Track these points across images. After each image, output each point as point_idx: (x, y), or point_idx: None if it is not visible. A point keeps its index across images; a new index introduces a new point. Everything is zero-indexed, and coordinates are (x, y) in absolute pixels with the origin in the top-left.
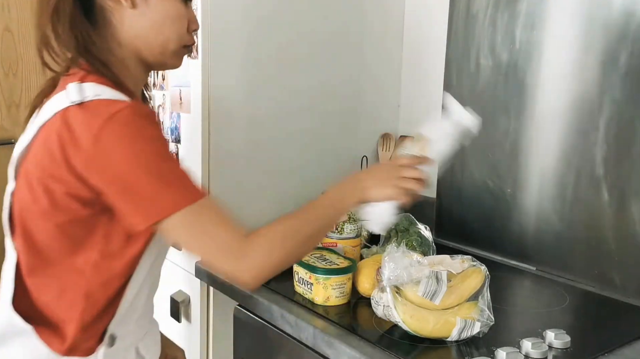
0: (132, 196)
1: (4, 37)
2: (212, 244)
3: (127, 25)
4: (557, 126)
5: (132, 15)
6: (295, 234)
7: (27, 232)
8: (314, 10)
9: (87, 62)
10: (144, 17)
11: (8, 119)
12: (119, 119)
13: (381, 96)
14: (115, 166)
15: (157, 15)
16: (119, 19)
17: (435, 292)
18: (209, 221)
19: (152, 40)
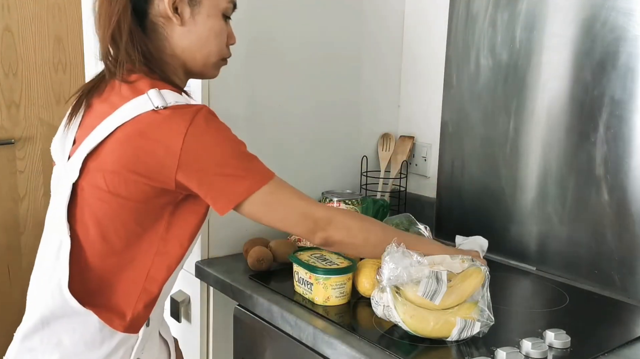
0: (222, 180)
1: (4, 37)
2: (293, 213)
3: (176, 39)
4: (557, 126)
5: (180, 31)
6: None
7: (99, 221)
8: (314, 10)
9: (149, 71)
10: (191, 33)
11: (8, 119)
12: (200, 117)
13: (381, 96)
14: (206, 156)
15: (202, 32)
16: (170, 33)
17: (435, 292)
18: (286, 194)
19: (196, 53)
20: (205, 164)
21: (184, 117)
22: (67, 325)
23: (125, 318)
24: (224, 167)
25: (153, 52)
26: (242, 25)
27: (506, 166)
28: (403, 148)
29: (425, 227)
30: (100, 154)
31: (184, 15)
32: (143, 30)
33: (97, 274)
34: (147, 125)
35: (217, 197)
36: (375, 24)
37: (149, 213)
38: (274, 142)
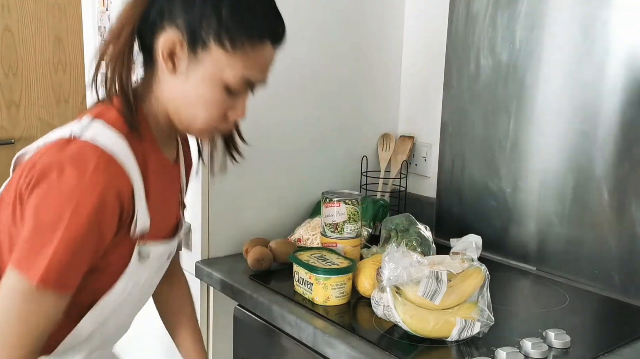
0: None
1: (4, 37)
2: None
3: (165, 87)
4: (557, 126)
5: (171, 80)
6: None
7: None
8: (314, 10)
9: (123, 98)
10: (179, 87)
11: (8, 119)
12: (76, 170)
13: (381, 96)
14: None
15: (191, 93)
16: (161, 76)
17: (435, 292)
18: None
19: (181, 111)
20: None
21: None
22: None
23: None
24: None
25: (140, 88)
26: None
27: (506, 166)
28: (403, 148)
29: (425, 227)
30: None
31: (179, 65)
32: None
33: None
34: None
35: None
36: (375, 24)
37: None
38: (274, 143)
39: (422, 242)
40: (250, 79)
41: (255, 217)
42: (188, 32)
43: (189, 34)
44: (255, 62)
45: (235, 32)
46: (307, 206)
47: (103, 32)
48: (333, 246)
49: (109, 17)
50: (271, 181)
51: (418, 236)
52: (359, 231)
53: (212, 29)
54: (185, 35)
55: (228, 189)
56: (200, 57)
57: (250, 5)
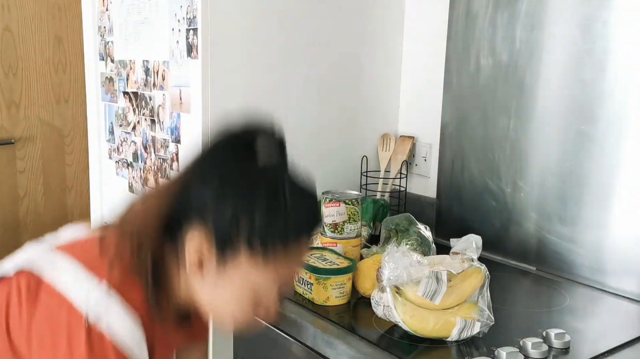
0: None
1: (4, 37)
2: None
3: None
4: (557, 126)
5: (197, 279)
6: None
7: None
8: (314, 10)
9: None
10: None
11: (8, 119)
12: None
13: (381, 96)
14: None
15: (220, 296)
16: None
17: (435, 292)
18: None
19: (210, 310)
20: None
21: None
22: None
23: None
24: None
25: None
26: (242, 26)
27: (506, 166)
28: (403, 148)
29: (425, 227)
30: None
31: (206, 268)
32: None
33: None
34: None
35: None
36: (375, 24)
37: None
38: None
39: (422, 242)
40: (284, 276)
41: None
42: (216, 234)
43: (217, 238)
44: (288, 262)
45: (269, 240)
46: None
47: (103, 32)
48: (333, 246)
49: (109, 17)
50: None
51: (418, 236)
52: (359, 231)
53: (244, 236)
54: (213, 238)
55: None
56: (229, 262)
57: (286, 210)
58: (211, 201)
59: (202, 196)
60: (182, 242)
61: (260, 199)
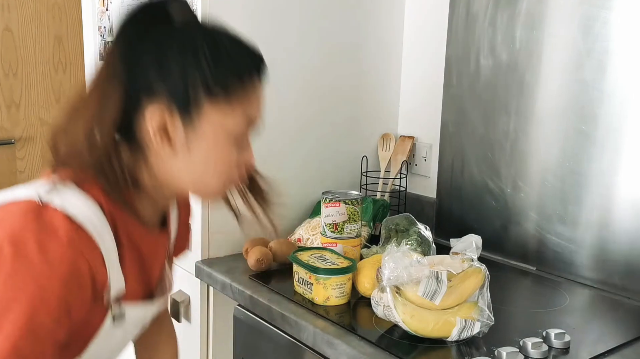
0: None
1: (4, 37)
2: None
3: (162, 163)
4: (557, 126)
5: (169, 158)
6: None
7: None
8: (315, 11)
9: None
10: (184, 163)
11: (8, 119)
12: (40, 247)
13: (381, 96)
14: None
15: (199, 163)
16: (155, 154)
17: (435, 292)
18: None
19: (190, 185)
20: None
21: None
22: None
23: None
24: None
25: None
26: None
27: (506, 166)
28: (403, 148)
29: (425, 227)
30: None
31: (175, 140)
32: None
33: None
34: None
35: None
36: (375, 24)
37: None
38: (273, 143)
39: (422, 242)
40: (252, 119)
41: None
42: (174, 98)
43: (176, 101)
44: (250, 101)
45: (225, 79)
46: (307, 206)
47: (103, 32)
48: (333, 246)
49: (109, 16)
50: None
51: (418, 236)
52: (359, 231)
53: (200, 84)
54: (173, 104)
55: None
56: (196, 120)
57: (227, 47)
58: (155, 72)
59: (144, 73)
60: (141, 131)
61: (201, 46)
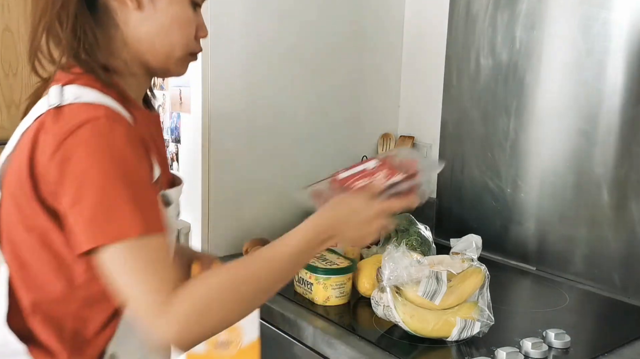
0: (78, 215)
1: (4, 37)
2: (138, 287)
3: (132, 27)
4: (557, 125)
5: (137, 17)
6: (244, 286)
7: (13, 246)
8: (314, 11)
9: (83, 65)
10: (150, 20)
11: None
12: (91, 127)
13: (381, 96)
14: (71, 177)
15: (164, 19)
16: (124, 20)
17: (435, 292)
18: (139, 264)
19: (157, 45)
20: (78, 181)
21: (72, 119)
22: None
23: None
24: (103, 195)
25: (101, 41)
26: (242, 26)
27: (506, 166)
28: None
29: (425, 227)
30: (9, 167)
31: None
32: (91, 14)
33: (27, 307)
34: (37, 127)
35: (79, 228)
36: (375, 24)
37: (55, 240)
38: (273, 143)
39: (422, 242)
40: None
41: (255, 217)
42: None
43: None
44: None
45: None
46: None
47: None
48: (333, 246)
49: None
50: (271, 181)
51: (418, 236)
52: None
53: None
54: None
55: (228, 189)
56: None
57: None
58: None
59: None
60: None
61: None
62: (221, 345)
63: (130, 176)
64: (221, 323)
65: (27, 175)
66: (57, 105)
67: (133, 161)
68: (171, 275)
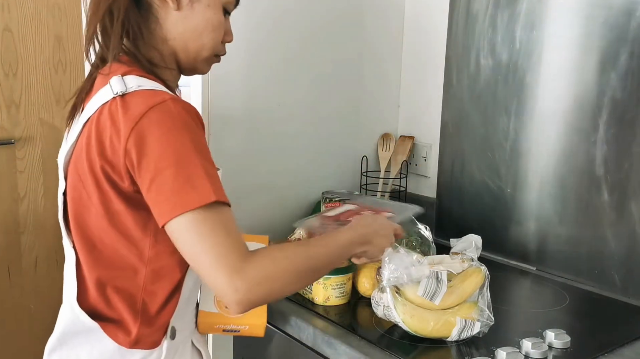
0: (159, 187)
1: (4, 37)
2: (212, 252)
3: (170, 24)
4: (557, 126)
5: (176, 16)
6: (302, 263)
7: (83, 229)
8: (314, 11)
9: (131, 57)
10: (186, 20)
11: (8, 119)
12: (161, 108)
13: (381, 95)
14: (149, 154)
15: (199, 21)
16: (164, 16)
17: (435, 292)
18: (217, 228)
19: (190, 44)
20: (156, 157)
21: (143, 103)
22: (84, 343)
23: (129, 333)
24: (180, 167)
25: (145, 35)
26: (242, 26)
27: (506, 166)
28: (403, 148)
29: (425, 227)
30: (75, 155)
31: (181, 0)
32: (138, 10)
33: (98, 286)
34: (107, 113)
35: (161, 200)
36: (375, 24)
37: (127, 219)
38: (274, 143)
39: (422, 242)
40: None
41: (255, 217)
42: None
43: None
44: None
45: None
46: (307, 205)
47: None
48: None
49: None
50: (271, 181)
51: (418, 236)
52: None
53: None
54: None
55: (228, 189)
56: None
57: None
58: None
59: None
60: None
61: None
62: None
63: (200, 150)
64: (281, 291)
65: (97, 161)
66: (123, 93)
67: (200, 136)
68: (243, 241)
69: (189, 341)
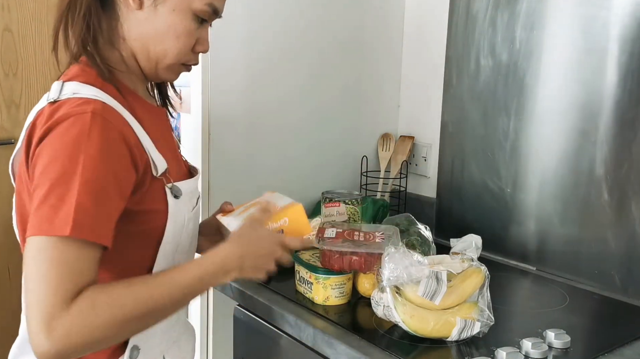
0: (35, 199)
1: (4, 37)
2: (39, 289)
3: (131, 24)
4: (557, 125)
5: (137, 16)
6: (133, 309)
7: (24, 232)
8: (314, 11)
9: (90, 58)
10: (147, 22)
11: (8, 119)
12: (76, 120)
13: (381, 96)
14: (39, 163)
15: (160, 25)
16: (125, 15)
17: (435, 292)
18: (54, 265)
19: (150, 47)
20: (42, 168)
21: (65, 110)
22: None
23: None
24: (57, 186)
25: (105, 32)
26: (241, 26)
27: (506, 166)
28: (403, 148)
29: (425, 227)
30: (16, 160)
31: (144, 1)
32: (101, 6)
33: None
34: (38, 120)
35: (32, 212)
36: (375, 25)
37: None
38: (274, 143)
39: (422, 242)
40: (215, 5)
41: None
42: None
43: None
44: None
45: None
46: (307, 206)
47: None
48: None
49: None
50: (271, 181)
51: (418, 236)
52: None
53: None
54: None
55: (228, 190)
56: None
57: None
58: None
59: None
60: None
61: None
62: None
63: (87, 178)
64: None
65: (25, 167)
66: (54, 100)
67: (97, 163)
68: (76, 287)
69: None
